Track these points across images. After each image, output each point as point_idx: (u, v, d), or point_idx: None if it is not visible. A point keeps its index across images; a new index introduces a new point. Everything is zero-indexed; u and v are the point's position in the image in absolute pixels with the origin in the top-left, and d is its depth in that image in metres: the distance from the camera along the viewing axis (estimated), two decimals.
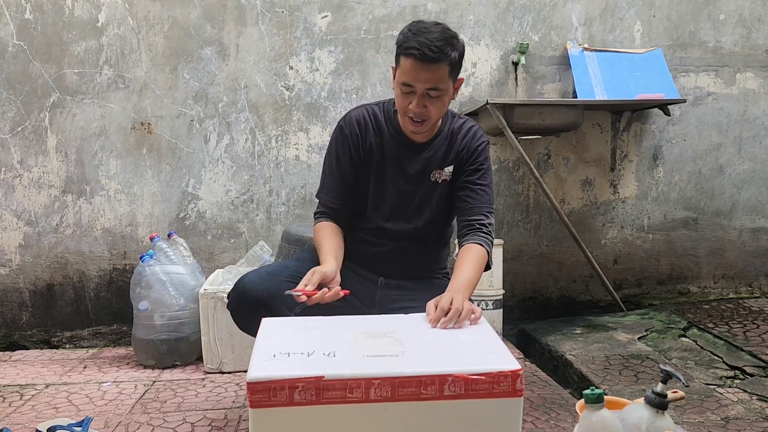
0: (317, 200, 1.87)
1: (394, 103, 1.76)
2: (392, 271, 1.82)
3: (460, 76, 1.68)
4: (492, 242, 1.75)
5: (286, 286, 1.54)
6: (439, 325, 1.37)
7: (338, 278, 1.63)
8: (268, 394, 1.09)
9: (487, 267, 1.74)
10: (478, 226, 1.73)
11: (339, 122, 1.82)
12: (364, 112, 1.80)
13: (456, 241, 1.91)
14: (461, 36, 1.66)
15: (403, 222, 1.80)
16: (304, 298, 1.51)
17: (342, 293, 1.57)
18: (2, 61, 2.85)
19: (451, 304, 1.40)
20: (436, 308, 1.41)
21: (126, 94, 2.91)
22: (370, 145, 1.78)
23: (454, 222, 1.91)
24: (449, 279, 1.92)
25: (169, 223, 2.98)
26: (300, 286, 1.53)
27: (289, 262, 1.87)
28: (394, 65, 1.69)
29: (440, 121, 1.77)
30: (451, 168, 1.78)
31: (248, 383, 1.09)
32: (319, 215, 1.83)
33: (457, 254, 1.73)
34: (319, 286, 1.56)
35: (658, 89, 2.94)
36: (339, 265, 1.67)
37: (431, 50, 1.54)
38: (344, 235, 1.81)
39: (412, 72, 1.57)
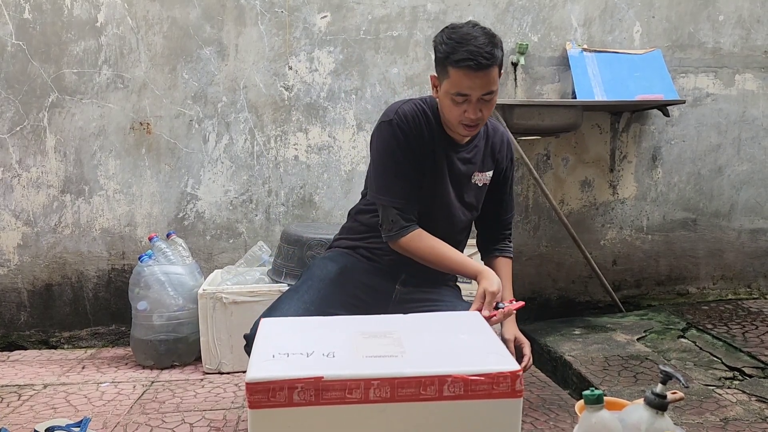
0: (376, 206, 1.74)
1: (436, 99, 1.71)
2: (411, 275, 1.77)
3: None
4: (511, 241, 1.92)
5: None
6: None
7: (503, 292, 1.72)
8: (267, 394, 1.09)
9: None
10: (507, 234, 1.88)
11: (389, 118, 1.69)
12: (415, 107, 1.70)
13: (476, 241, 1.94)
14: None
15: (445, 222, 1.78)
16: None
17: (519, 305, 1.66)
18: (1, 61, 2.84)
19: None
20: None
21: (125, 94, 2.91)
22: (426, 141, 1.70)
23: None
24: (458, 287, 1.94)
25: (167, 223, 2.98)
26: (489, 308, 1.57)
27: (301, 292, 1.69)
28: (434, 74, 1.65)
29: None
30: (491, 173, 1.81)
31: (247, 384, 1.09)
32: (405, 224, 1.67)
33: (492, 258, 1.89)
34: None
35: (658, 90, 2.94)
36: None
37: (484, 57, 1.51)
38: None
39: (466, 81, 1.54)
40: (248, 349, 1.58)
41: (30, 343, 2.97)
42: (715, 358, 2.39)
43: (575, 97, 2.95)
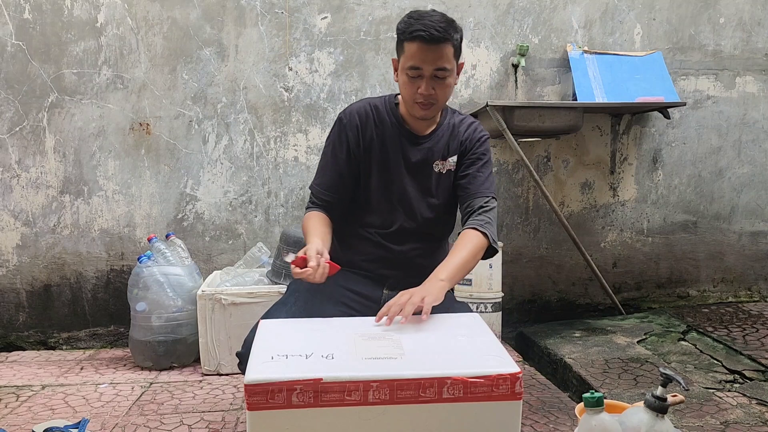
0: (310, 192, 1.85)
1: (395, 96, 1.77)
2: (397, 278, 1.76)
3: (460, 61, 1.70)
4: (494, 226, 1.71)
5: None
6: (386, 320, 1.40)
7: (327, 255, 1.58)
8: (266, 396, 1.08)
9: (492, 251, 1.72)
10: (477, 210, 1.72)
11: (339, 114, 1.81)
12: (365, 105, 1.80)
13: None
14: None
15: (408, 215, 1.77)
16: (307, 270, 1.48)
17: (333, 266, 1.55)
18: (1, 61, 2.84)
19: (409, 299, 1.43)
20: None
21: (125, 94, 2.91)
22: (371, 137, 1.76)
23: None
24: (452, 290, 1.91)
25: (167, 224, 2.97)
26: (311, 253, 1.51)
27: (289, 305, 1.72)
28: (395, 57, 1.69)
29: (440, 114, 1.78)
30: (454, 158, 1.77)
31: (246, 385, 1.08)
32: (310, 206, 1.80)
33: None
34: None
35: (658, 92, 2.94)
36: (326, 247, 1.63)
37: (437, 30, 1.57)
38: (333, 229, 1.77)
39: (419, 54, 1.59)
40: (242, 366, 1.55)
41: (28, 343, 2.97)
42: (716, 361, 2.39)
43: (576, 99, 2.94)
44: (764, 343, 2.53)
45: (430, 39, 1.57)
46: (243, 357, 1.55)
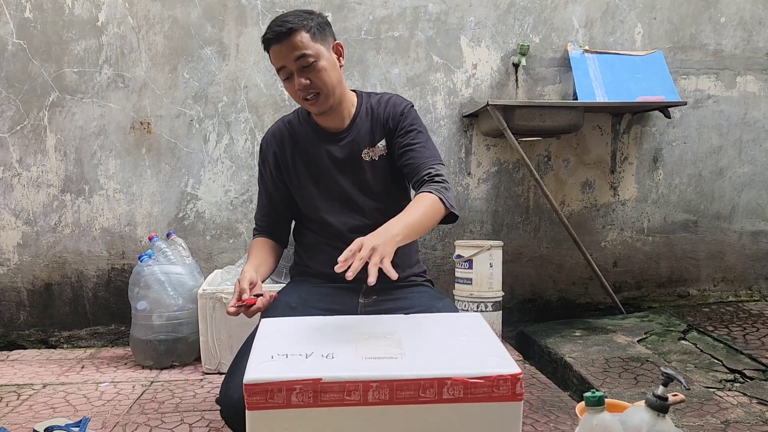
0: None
1: None
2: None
3: (338, 41, 1.67)
4: (447, 189, 1.59)
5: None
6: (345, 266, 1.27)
7: (260, 284, 1.57)
8: (265, 396, 1.08)
9: (452, 217, 1.61)
10: (427, 179, 1.61)
11: (262, 141, 1.83)
12: (280, 124, 1.81)
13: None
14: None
15: (355, 212, 1.73)
16: (241, 309, 1.47)
17: (273, 295, 1.56)
18: (2, 60, 2.84)
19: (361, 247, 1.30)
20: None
21: (125, 93, 2.91)
22: (292, 153, 1.76)
23: None
24: (429, 285, 1.84)
25: (167, 223, 2.97)
26: (234, 301, 1.49)
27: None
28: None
29: (356, 102, 1.75)
30: (383, 142, 1.72)
31: (245, 385, 1.08)
32: (254, 233, 1.85)
33: None
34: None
35: (659, 92, 2.94)
36: (263, 272, 1.67)
37: (279, 26, 1.57)
38: (281, 247, 1.84)
39: (275, 55, 1.60)
40: (225, 413, 1.42)
41: (29, 342, 2.97)
42: (716, 361, 2.39)
43: (576, 99, 2.94)
44: (765, 342, 2.53)
45: (276, 37, 1.57)
46: (225, 405, 1.42)
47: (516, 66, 3.05)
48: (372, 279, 1.26)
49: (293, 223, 1.90)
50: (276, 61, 1.61)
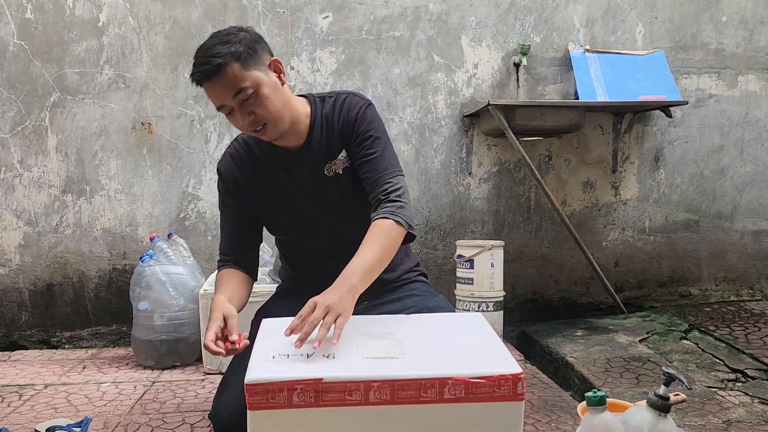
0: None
1: None
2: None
3: (275, 57, 1.53)
4: (403, 207, 1.49)
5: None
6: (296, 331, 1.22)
7: (237, 321, 1.46)
8: (267, 396, 1.08)
9: (410, 237, 1.52)
10: (382, 197, 1.50)
11: (217, 165, 1.70)
12: (237, 146, 1.68)
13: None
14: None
15: (330, 236, 1.65)
16: (231, 352, 1.39)
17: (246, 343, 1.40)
18: (3, 61, 2.84)
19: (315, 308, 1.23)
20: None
21: (127, 93, 2.91)
22: (252, 175, 1.64)
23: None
24: (425, 277, 1.80)
25: (169, 223, 2.97)
26: (211, 335, 1.39)
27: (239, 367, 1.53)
28: None
29: (310, 111, 1.61)
30: (343, 153, 1.59)
31: (246, 385, 1.09)
32: (219, 265, 1.69)
33: None
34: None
35: (660, 91, 2.93)
36: (236, 305, 1.53)
37: (204, 64, 1.41)
38: (251, 279, 1.68)
39: (210, 94, 1.46)
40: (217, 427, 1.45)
41: (31, 342, 2.97)
42: (718, 360, 2.38)
43: (577, 98, 2.94)
44: (766, 342, 2.52)
45: (205, 78, 1.43)
46: (217, 422, 1.46)
47: (517, 66, 3.05)
48: (334, 340, 1.20)
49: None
50: (212, 100, 1.48)
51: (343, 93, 1.63)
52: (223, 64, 1.40)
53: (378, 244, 1.41)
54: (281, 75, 1.52)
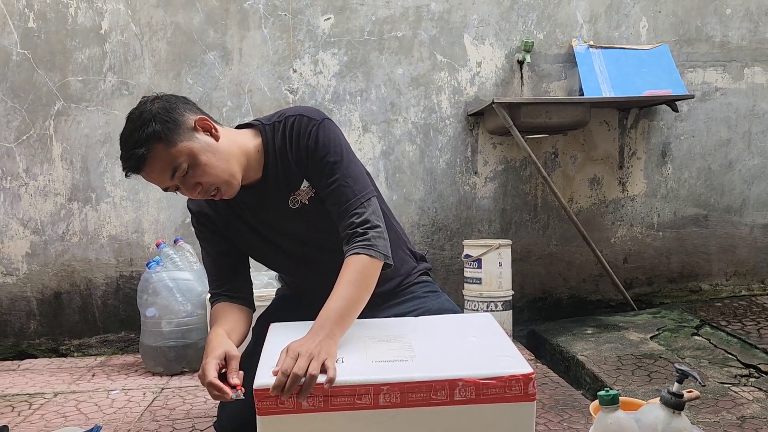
0: None
1: None
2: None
3: (199, 116, 1.38)
4: (375, 237, 1.41)
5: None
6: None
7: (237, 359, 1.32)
8: (276, 400, 1.07)
9: (385, 266, 1.43)
10: (350, 232, 1.42)
11: (186, 203, 1.62)
12: None
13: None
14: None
15: (309, 265, 1.60)
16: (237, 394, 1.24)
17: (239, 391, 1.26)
18: (6, 70, 2.85)
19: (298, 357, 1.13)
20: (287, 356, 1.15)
21: (130, 100, 2.91)
22: (224, 212, 1.57)
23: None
24: (428, 275, 1.76)
25: (175, 229, 2.97)
26: (213, 372, 1.24)
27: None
28: None
29: (260, 150, 1.48)
30: (304, 181, 1.50)
31: (255, 390, 1.08)
32: (212, 300, 1.62)
33: None
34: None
35: (665, 85, 2.91)
36: (235, 340, 1.42)
37: (129, 159, 1.31)
38: (249, 310, 1.60)
39: (149, 181, 1.37)
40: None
41: (40, 351, 2.98)
42: (730, 356, 2.36)
43: (582, 94, 2.92)
44: None
45: (135, 171, 1.34)
46: (223, 431, 1.46)
47: (520, 63, 3.03)
48: (324, 380, 1.10)
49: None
50: (155, 184, 1.39)
51: (291, 115, 1.48)
52: (146, 153, 1.30)
53: (352, 285, 1.34)
54: (212, 131, 1.39)
